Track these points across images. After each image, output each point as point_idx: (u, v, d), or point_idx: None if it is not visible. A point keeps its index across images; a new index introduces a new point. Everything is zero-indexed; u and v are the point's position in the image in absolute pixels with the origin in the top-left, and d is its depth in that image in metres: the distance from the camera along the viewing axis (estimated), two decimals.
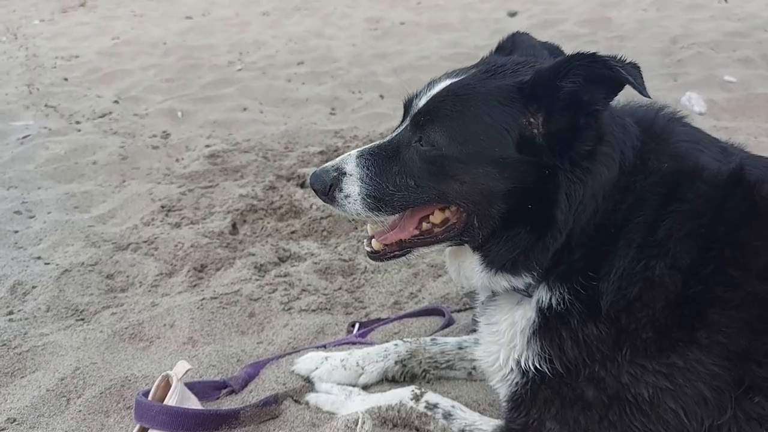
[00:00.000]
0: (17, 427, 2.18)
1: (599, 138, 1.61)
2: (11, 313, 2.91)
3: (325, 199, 1.79)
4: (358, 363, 2.30)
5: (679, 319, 1.58)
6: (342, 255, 3.36)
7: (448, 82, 1.76)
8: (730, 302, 1.56)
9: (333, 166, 1.80)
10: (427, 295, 2.97)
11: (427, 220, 1.82)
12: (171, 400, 1.98)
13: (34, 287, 3.11)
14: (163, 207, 3.98)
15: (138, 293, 3.11)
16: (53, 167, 4.75)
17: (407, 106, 1.85)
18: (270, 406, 2.15)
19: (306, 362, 2.33)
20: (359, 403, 2.14)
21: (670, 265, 1.59)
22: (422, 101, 1.76)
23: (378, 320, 2.73)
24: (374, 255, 1.89)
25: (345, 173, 1.77)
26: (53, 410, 2.25)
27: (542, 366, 1.73)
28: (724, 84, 5.74)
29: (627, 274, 1.61)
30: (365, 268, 3.23)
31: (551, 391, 1.73)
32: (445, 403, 2.06)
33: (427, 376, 2.31)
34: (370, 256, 1.90)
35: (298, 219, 3.79)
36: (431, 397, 2.08)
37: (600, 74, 1.52)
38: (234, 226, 3.74)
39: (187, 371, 2.05)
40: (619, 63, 1.50)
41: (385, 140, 1.82)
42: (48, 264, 3.33)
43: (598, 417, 1.67)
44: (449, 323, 2.62)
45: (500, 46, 1.98)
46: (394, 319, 2.70)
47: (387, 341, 2.41)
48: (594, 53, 1.53)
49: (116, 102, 6.42)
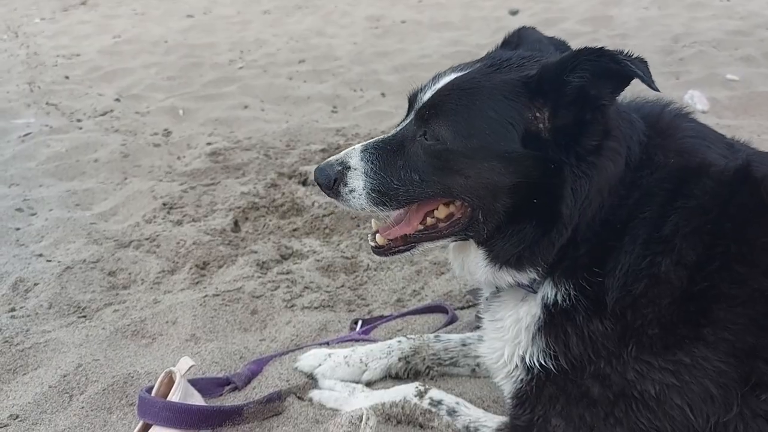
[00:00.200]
0: (20, 424, 2.17)
1: (606, 133, 1.61)
2: (13, 310, 2.91)
3: (330, 193, 1.78)
4: (361, 360, 2.29)
5: (685, 315, 1.57)
6: (344, 252, 3.36)
7: (453, 76, 1.74)
8: (736, 299, 1.54)
9: (337, 161, 1.78)
10: (429, 293, 2.96)
11: (431, 214, 1.80)
12: (174, 397, 1.97)
13: (36, 284, 3.11)
14: (164, 204, 3.97)
15: (140, 290, 3.10)
16: (54, 165, 4.74)
17: (412, 100, 1.84)
18: (273, 403, 2.14)
19: (309, 359, 2.32)
20: (363, 400, 2.13)
21: (676, 261, 1.58)
22: (427, 95, 1.75)
23: (381, 317, 2.72)
24: (379, 250, 1.88)
25: (349, 167, 1.76)
26: (56, 407, 2.25)
27: (547, 362, 1.72)
28: (726, 82, 5.73)
29: (632, 270, 1.60)
30: (368, 265, 3.22)
31: (556, 387, 1.72)
32: (450, 399, 2.04)
33: (430, 373, 2.29)
34: (374, 250, 1.89)
35: (300, 216, 3.78)
36: (435, 393, 2.07)
37: (607, 69, 1.52)
38: (236, 223, 3.73)
39: (191, 368, 2.04)
40: (627, 57, 1.50)
41: (389, 134, 1.81)
42: (50, 261, 3.32)
43: (604, 414, 1.66)
44: (452, 320, 2.61)
45: (506, 40, 1.97)
46: (397, 317, 2.69)
47: (390, 338, 2.40)
48: (601, 48, 1.52)
49: (117, 100, 6.41)
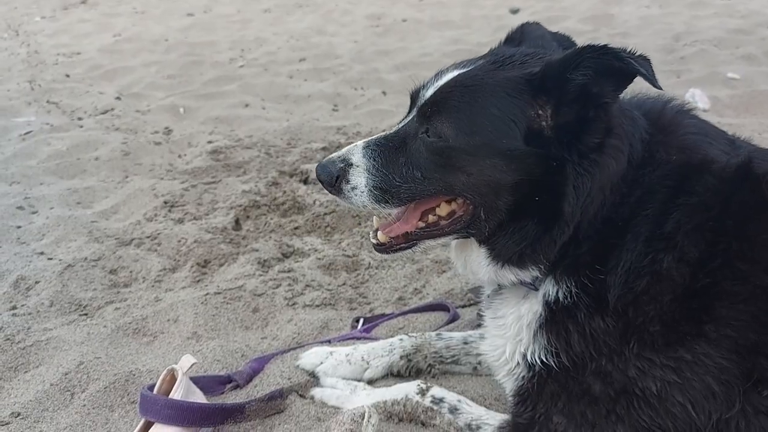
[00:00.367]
0: (22, 422, 2.17)
1: (608, 130, 1.60)
2: (14, 308, 2.91)
3: (332, 190, 1.78)
4: (363, 358, 2.29)
5: (687, 312, 1.57)
6: (346, 251, 3.35)
7: (455, 73, 1.74)
8: (738, 295, 1.54)
9: (339, 157, 1.78)
10: (431, 291, 2.96)
11: (433, 212, 1.80)
12: (176, 394, 1.97)
13: (37, 282, 3.11)
14: (165, 203, 3.97)
15: (141, 288, 3.11)
16: (55, 163, 4.74)
17: (414, 96, 1.84)
18: (275, 401, 2.15)
19: (311, 357, 2.32)
20: (364, 398, 2.13)
21: (678, 258, 1.57)
22: (429, 92, 1.74)
23: (382, 315, 2.71)
24: (380, 247, 1.87)
25: (352, 164, 1.76)
26: (57, 405, 2.25)
27: (549, 360, 1.71)
28: (727, 81, 5.72)
29: (634, 268, 1.60)
30: (369, 263, 3.22)
31: (558, 385, 1.72)
32: (451, 397, 2.04)
33: (432, 371, 2.29)
34: (376, 248, 1.89)
35: (302, 215, 3.78)
36: (437, 391, 2.07)
37: (611, 66, 1.51)
38: (237, 221, 3.73)
39: (192, 365, 2.04)
40: (630, 55, 1.49)
41: (391, 131, 1.80)
42: (51, 259, 3.32)
43: (606, 411, 1.65)
44: (454, 318, 2.61)
45: (509, 36, 1.97)
46: (399, 315, 2.69)
47: (392, 336, 2.40)
48: (605, 45, 1.51)
49: (118, 98, 6.41)
